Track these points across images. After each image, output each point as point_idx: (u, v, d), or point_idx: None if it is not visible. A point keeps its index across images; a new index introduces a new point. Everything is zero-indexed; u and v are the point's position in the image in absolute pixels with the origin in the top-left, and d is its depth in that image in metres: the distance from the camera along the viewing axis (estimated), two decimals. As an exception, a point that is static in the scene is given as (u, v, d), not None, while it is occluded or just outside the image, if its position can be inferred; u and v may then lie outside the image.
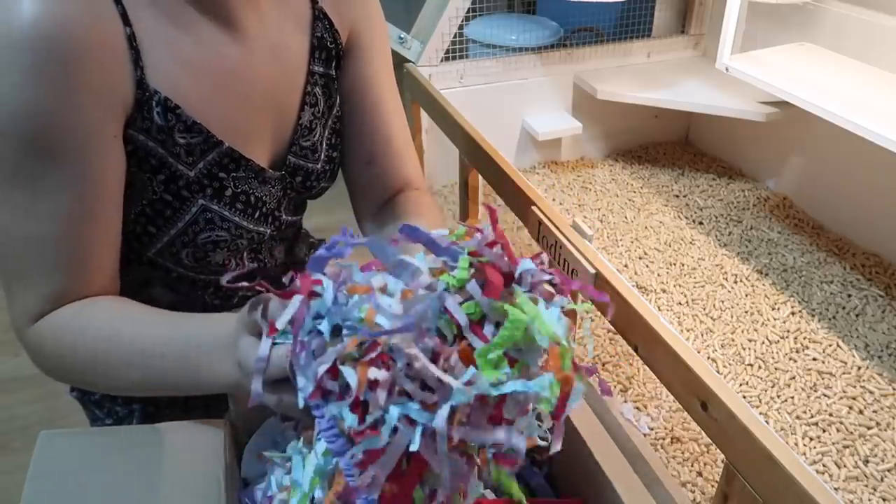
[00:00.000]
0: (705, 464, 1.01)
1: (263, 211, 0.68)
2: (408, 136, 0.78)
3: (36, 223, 0.54)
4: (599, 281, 0.77)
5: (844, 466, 0.98)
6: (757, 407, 1.07)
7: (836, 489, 0.95)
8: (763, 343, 1.18)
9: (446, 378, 0.38)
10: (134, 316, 0.56)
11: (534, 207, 0.90)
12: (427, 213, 0.72)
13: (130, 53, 0.55)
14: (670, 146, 1.86)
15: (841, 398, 1.08)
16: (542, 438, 0.44)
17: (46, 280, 0.55)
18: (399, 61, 1.09)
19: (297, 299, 0.42)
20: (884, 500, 0.94)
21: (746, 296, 1.29)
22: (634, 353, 0.73)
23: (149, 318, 0.56)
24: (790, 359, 1.15)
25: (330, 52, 0.71)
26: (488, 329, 0.41)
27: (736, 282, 1.33)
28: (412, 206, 0.73)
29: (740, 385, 1.11)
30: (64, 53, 0.50)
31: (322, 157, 0.73)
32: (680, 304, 1.29)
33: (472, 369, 0.39)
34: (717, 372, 0.99)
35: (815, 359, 1.15)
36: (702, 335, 1.21)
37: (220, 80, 0.61)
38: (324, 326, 0.41)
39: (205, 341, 0.52)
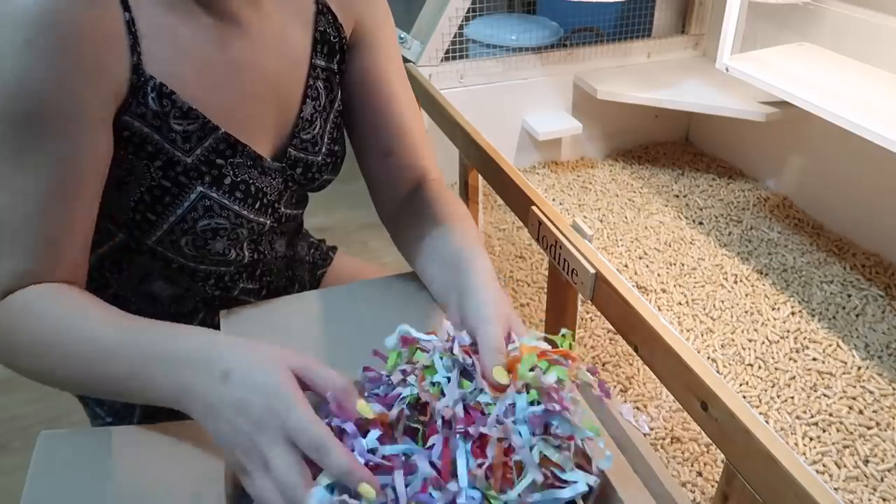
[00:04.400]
0: (705, 464, 1.01)
1: (264, 202, 0.68)
2: (422, 127, 0.78)
3: (14, 197, 0.54)
4: (599, 281, 0.77)
5: (844, 466, 0.98)
6: (757, 407, 1.07)
7: (836, 489, 0.95)
8: (763, 343, 1.18)
9: None
10: (91, 313, 0.55)
11: (534, 207, 0.90)
12: (448, 205, 0.72)
13: (128, 39, 0.55)
14: (670, 146, 1.86)
15: (841, 398, 1.08)
16: None
17: (16, 256, 0.56)
18: (399, 61, 1.09)
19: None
20: (884, 500, 0.94)
21: (746, 296, 1.29)
22: (634, 353, 0.73)
23: (107, 319, 0.55)
24: (790, 359, 1.15)
25: (332, 47, 0.71)
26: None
27: (736, 282, 1.33)
28: (434, 199, 0.73)
29: (740, 385, 1.11)
30: (61, 33, 0.51)
31: (323, 150, 0.73)
32: (680, 304, 1.29)
33: None
34: (717, 372, 0.99)
35: (815, 359, 1.15)
36: (702, 335, 1.21)
37: (220, 70, 0.62)
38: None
39: (159, 355, 0.51)
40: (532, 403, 0.46)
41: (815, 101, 1.13)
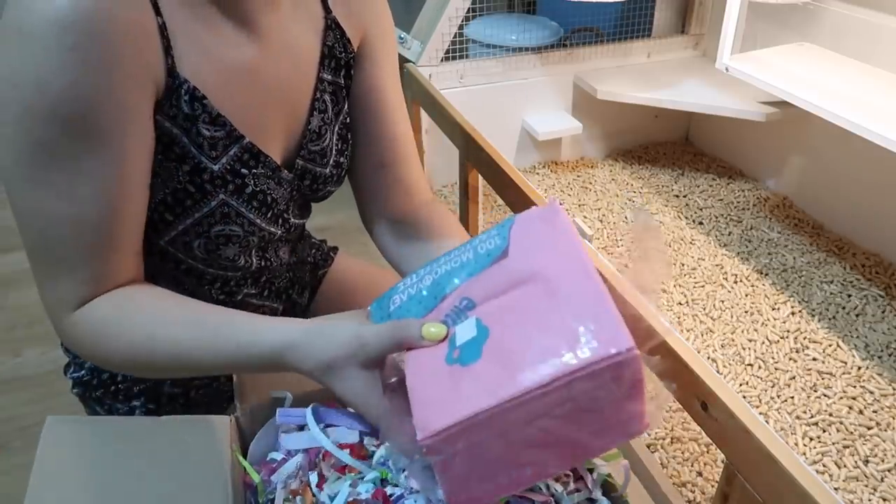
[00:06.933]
0: (705, 464, 1.01)
1: (276, 211, 0.69)
2: (413, 140, 0.79)
3: (77, 206, 0.54)
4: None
5: (844, 466, 0.98)
6: (757, 407, 1.07)
7: (836, 489, 0.95)
8: (763, 343, 1.18)
9: None
10: (173, 315, 0.57)
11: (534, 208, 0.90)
12: (452, 231, 0.74)
13: (161, 42, 0.56)
14: (670, 146, 1.86)
15: (841, 398, 1.08)
16: None
17: (85, 263, 0.55)
18: (399, 61, 1.09)
19: None
20: (884, 500, 0.94)
21: (746, 296, 1.29)
22: (634, 353, 0.73)
23: (190, 319, 0.57)
24: (790, 359, 1.15)
25: (339, 62, 0.72)
26: None
27: (736, 282, 1.33)
28: (436, 224, 0.74)
29: (740, 385, 1.11)
30: (104, 33, 0.51)
31: (331, 161, 0.74)
32: (680, 304, 1.29)
33: None
34: (717, 372, 0.99)
35: (815, 359, 1.15)
36: (702, 335, 1.21)
37: (238, 76, 0.62)
38: None
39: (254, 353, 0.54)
40: None
41: (815, 101, 1.13)
